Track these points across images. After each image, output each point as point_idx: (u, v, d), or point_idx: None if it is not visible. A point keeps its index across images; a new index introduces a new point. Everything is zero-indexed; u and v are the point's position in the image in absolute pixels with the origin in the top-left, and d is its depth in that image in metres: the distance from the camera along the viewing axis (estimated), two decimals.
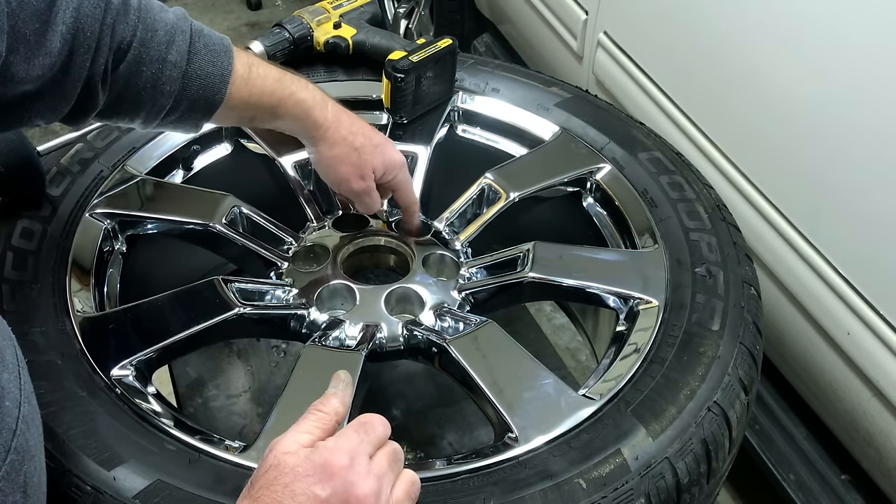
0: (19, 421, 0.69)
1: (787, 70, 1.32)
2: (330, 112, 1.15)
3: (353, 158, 1.17)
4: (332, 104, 1.16)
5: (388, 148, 1.21)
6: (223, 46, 1.05)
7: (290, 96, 1.11)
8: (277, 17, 1.52)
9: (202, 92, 1.03)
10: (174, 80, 1.01)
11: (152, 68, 0.99)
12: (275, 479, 0.73)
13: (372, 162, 1.18)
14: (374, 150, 1.18)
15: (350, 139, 1.16)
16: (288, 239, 1.26)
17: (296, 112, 1.12)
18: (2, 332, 0.73)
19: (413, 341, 1.14)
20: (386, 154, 1.19)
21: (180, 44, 1.00)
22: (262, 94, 1.08)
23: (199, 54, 1.02)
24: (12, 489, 0.67)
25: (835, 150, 1.25)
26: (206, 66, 1.03)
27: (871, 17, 1.17)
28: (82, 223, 1.20)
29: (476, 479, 0.94)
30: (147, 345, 1.06)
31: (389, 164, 1.19)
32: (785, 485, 1.42)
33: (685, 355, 1.07)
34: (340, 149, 1.16)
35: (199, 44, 1.02)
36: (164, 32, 1.00)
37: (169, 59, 1.00)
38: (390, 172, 1.20)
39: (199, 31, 1.04)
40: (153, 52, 0.99)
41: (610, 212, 1.33)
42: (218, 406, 1.47)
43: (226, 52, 1.05)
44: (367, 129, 1.19)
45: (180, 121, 1.07)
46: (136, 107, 1.02)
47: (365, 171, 1.18)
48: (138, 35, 0.97)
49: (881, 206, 1.20)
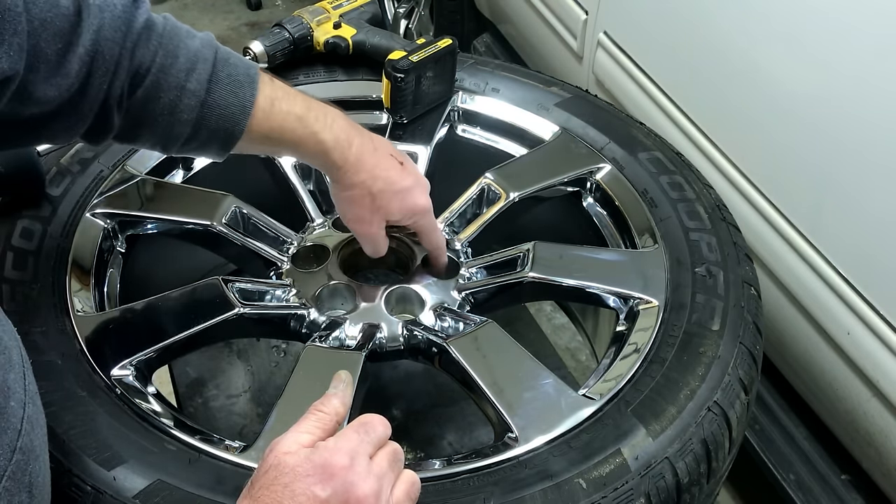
0: (24, 421, 0.70)
1: (787, 70, 1.32)
2: (353, 154, 1.09)
3: (365, 202, 1.12)
4: (357, 144, 1.09)
5: (413, 194, 1.14)
6: (248, 77, 1.01)
7: (311, 136, 1.06)
8: (277, 17, 1.52)
9: (221, 123, 1.00)
10: (192, 108, 0.97)
11: (170, 95, 0.96)
12: (275, 480, 0.73)
13: (387, 209, 1.13)
14: (393, 197, 1.12)
15: (368, 184, 1.10)
16: (288, 239, 1.27)
17: (315, 151, 1.08)
18: (8, 333, 0.74)
19: (413, 341, 1.14)
20: (406, 201, 1.13)
21: (201, 72, 0.97)
22: (283, 130, 1.04)
23: (219, 84, 0.98)
24: (18, 489, 0.67)
25: (835, 149, 1.26)
26: (226, 97, 0.99)
27: (872, 16, 1.17)
28: (82, 223, 1.20)
29: (476, 479, 0.94)
30: (147, 345, 1.06)
31: (409, 211, 1.14)
32: (785, 485, 1.42)
33: (685, 355, 1.07)
34: (356, 191, 1.11)
35: (221, 73, 0.99)
36: (186, 59, 0.96)
37: (188, 87, 0.96)
38: (410, 218, 1.15)
39: (225, 59, 1.00)
40: (172, 80, 0.96)
41: (610, 212, 1.33)
42: (218, 406, 1.47)
43: (250, 84, 1.01)
44: (392, 172, 1.12)
45: (201, 149, 1.04)
46: (153, 133, 0.99)
47: (375, 217, 1.13)
48: (158, 61, 0.95)
49: (881, 205, 1.20)
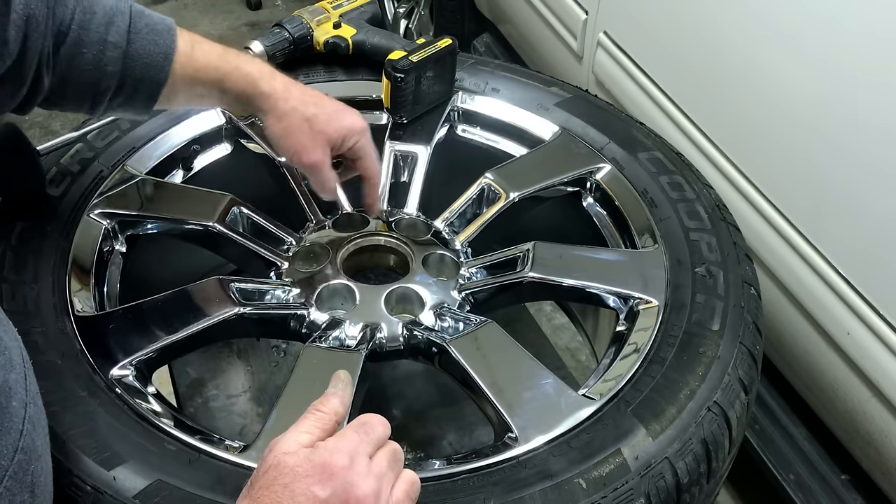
0: (25, 421, 0.70)
1: (787, 70, 1.32)
2: (279, 83, 1.12)
3: (303, 129, 1.12)
4: (281, 76, 1.13)
5: (346, 114, 1.15)
6: (165, 26, 1.05)
7: (235, 69, 1.09)
8: (277, 17, 1.52)
9: (146, 71, 1.03)
10: (116, 60, 1.01)
11: (93, 50, 0.99)
12: (274, 480, 0.73)
13: (325, 132, 1.13)
14: (328, 119, 1.13)
15: (301, 109, 1.12)
16: (288, 239, 1.26)
17: (242, 84, 1.10)
18: (9, 333, 0.74)
19: (413, 341, 1.14)
20: (343, 121, 1.14)
21: (119, 24, 1.01)
22: (207, 69, 1.07)
23: (139, 34, 1.02)
24: (20, 488, 0.67)
25: (834, 149, 1.25)
26: (147, 46, 1.03)
27: (871, 17, 1.17)
28: (82, 223, 1.20)
29: (476, 479, 0.94)
30: (147, 345, 1.06)
31: (347, 131, 1.14)
32: (785, 485, 1.42)
33: (685, 355, 1.07)
34: (290, 119, 1.12)
35: (139, 24, 1.03)
36: (103, 14, 1.00)
37: (109, 39, 1.00)
38: (349, 139, 1.15)
39: (140, 12, 1.04)
40: (93, 35, 0.99)
41: (610, 212, 1.33)
42: (218, 406, 1.47)
43: (168, 31, 1.05)
44: (320, 98, 1.15)
45: (128, 103, 1.06)
46: (80, 90, 1.02)
47: (316, 142, 1.13)
48: (76, 17, 0.98)
49: (881, 205, 1.20)
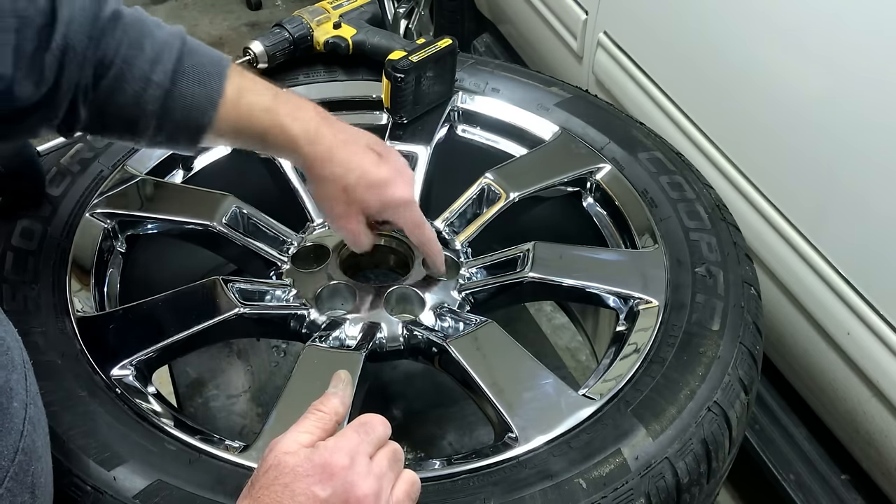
0: (26, 422, 0.70)
1: (787, 69, 1.32)
2: (323, 146, 1.05)
3: (340, 197, 1.07)
4: (329, 137, 1.05)
5: (390, 186, 1.08)
6: (216, 68, 0.99)
7: (279, 129, 1.03)
8: (277, 17, 1.52)
9: (187, 114, 0.98)
10: (156, 99, 0.96)
11: (135, 87, 0.95)
12: (275, 480, 0.73)
13: (363, 202, 1.07)
14: (367, 190, 1.06)
15: (341, 177, 1.05)
16: (288, 239, 1.26)
17: (282, 143, 1.05)
18: (10, 334, 0.74)
19: (413, 341, 1.14)
20: (384, 194, 1.07)
21: (166, 63, 0.95)
22: (251, 121, 1.01)
23: (185, 74, 0.97)
24: (21, 489, 0.67)
25: (834, 149, 1.25)
26: (192, 88, 0.97)
27: (873, 16, 1.17)
28: (82, 223, 1.20)
29: (476, 479, 0.94)
30: (147, 345, 1.06)
31: (387, 204, 1.08)
32: (785, 485, 1.42)
33: (685, 355, 1.07)
34: (327, 186, 1.07)
35: (187, 63, 0.97)
36: (151, 50, 0.95)
37: (153, 78, 0.95)
38: (388, 212, 1.10)
39: (192, 51, 0.98)
40: (136, 71, 0.95)
41: (610, 212, 1.33)
42: (218, 406, 1.47)
43: (217, 75, 0.99)
44: (366, 163, 1.06)
45: (171, 141, 1.02)
46: (120, 124, 0.98)
47: (351, 211, 1.08)
48: (122, 52, 0.94)
49: (881, 205, 1.20)
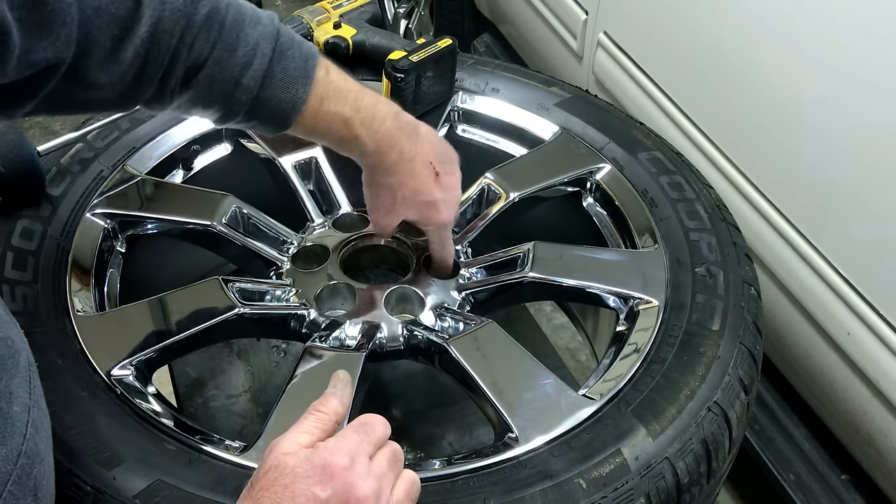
0: (29, 425, 0.69)
1: (788, 70, 1.32)
2: (390, 159, 1.07)
3: (387, 201, 1.12)
4: (398, 150, 1.07)
5: (435, 208, 1.12)
6: (303, 72, 0.99)
7: (353, 140, 1.05)
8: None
9: (270, 115, 1.00)
10: (243, 103, 0.98)
11: (224, 88, 0.96)
12: (275, 481, 0.73)
13: (406, 212, 1.13)
14: (414, 205, 1.11)
15: (394, 189, 1.10)
16: (288, 239, 1.26)
17: (356, 153, 1.08)
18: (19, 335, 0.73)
19: (413, 341, 1.14)
20: (427, 212, 1.12)
21: (257, 68, 0.96)
22: (328, 130, 1.04)
23: (273, 80, 0.97)
24: (23, 493, 0.67)
25: (835, 149, 1.25)
26: (278, 93, 0.98)
27: (872, 16, 1.17)
28: (82, 223, 1.20)
29: (476, 479, 0.94)
30: (147, 345, 1.06)
31: (426, 221, 1.14)
32: (785, 485, 1.42)
33: (685, 355, 1.07)
34: (380, 189, 1.11)
35: (277, 68, 0.97)
36: (244, 54, 0.95)
37: (242, 82, 0.96)
38: (424, 226, 1.16)
39: (283, 52, 0.98)
40: (227, 73, 0.95)
41: (610, 212, 1.33)
42: (218, 406, 1.47)
43: (304, 81, 0.99)
44: (423, 184, 1.10)
45: (254, 129, 1.07)
46: (205, 113, 1.00)
47: (392, 215, 1.14)
48: (215, 54, 0.94)
49: (881, 205, 1.20)
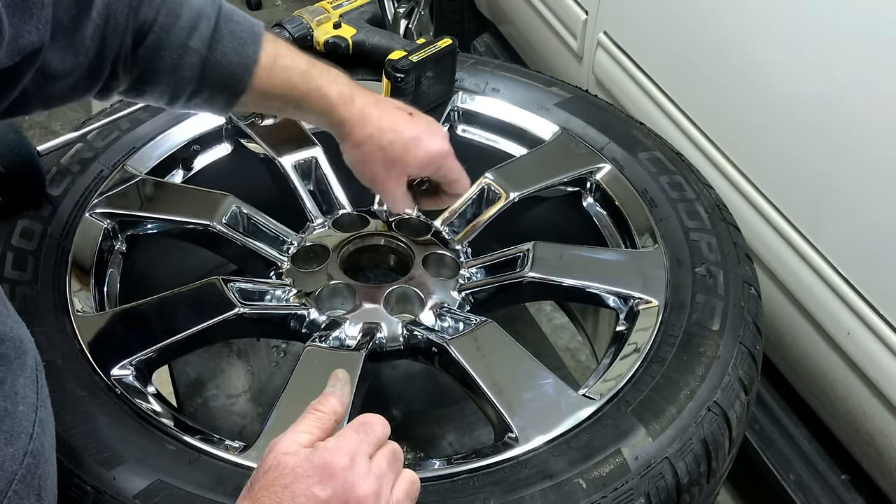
0: (36, 425, 0.69)
1: (788, 70, 1.32)
2: (356, 108, 1.07)
3: (378, 158, 1.09)
4: (361, 99, 1.08)
5: (426, 140, 1.10)
6: (251, 34, 1.01)
7: (314, 91, 1.06)
8: (277, 17, 1.52)
9: (223, 80, 1.00)
10: (194, 66, 0.98)
11: (173, 53, 0.97)
12: (275, 480, 0.73)
13: (402, 161, 1.09)
14: (405, 146, 1.08)
15: (377, 137, 1.08)
16: (288, 239, 1.26)
17: (318, 107, 1.07)
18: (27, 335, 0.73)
19: (413, 341, 1.14)
20: (420, 148, 1.09)
21: (203, 30, 0.97)
22: (286, 86, 1.04)
23: (222, 41, 0.99)
24: (28, 492, 0.67)
25: (835, 149, 1.25)
26: (228, 55, 0.99)
27: (872, 17, 1.17)
28: (82, 223, 1.20)
29: (476, 479, 0.94)
30: (147, 345, 1.06)
31: (426, 159, 1.10)
32: (785, 485, 1.42)
33: (685, 355, 1.07)
34: (365, 148, 1.09)
35: (224, 30, 0.99)
36: (188, 18, 0.97)
37: (190, 45, 0.97)
38: (428, 167, 1.11)
39: (228, 17, 1.00)
40: (174, 38, 0.96)
41: (610, 212, 1.33)
42: (218, 406, 1.47)
43: (252, 41, 1.01)
44: (399, 122, 1.09)
45: (206, 105, 1.05)
46: (157, 89, 1.00)
47: (392, 173, 1.10)
48: (160, 19, 0.95)
49: (881, 206, 1.20)
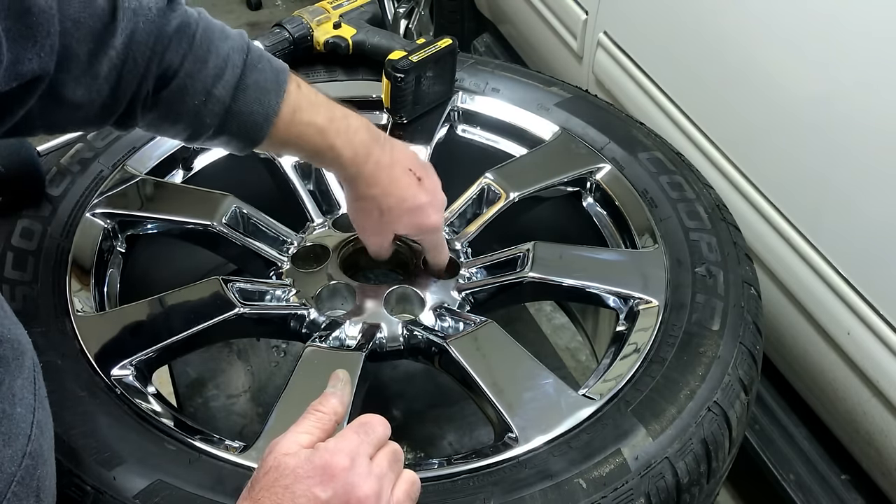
0: (34, 426, 0.69)
1: (788, 70, 1.32)
2: (368, 169, 1.07)
3: (374, 217, 1.12)
4: (375, 158, 1.08)
5: (423, 213, 1.12)
6: (275, 85, 1.00)
7: (329, 150, 1.05)
8: (277, 17, 1.52)
9: (242, 128, 1.00)
10: (216, 115, 0.98)
11: (195, 100, 0.96)
12: (275, 481, 0.73)
13: (395, 224, 1.12)
14: (402, 214, 1.11)
15: (379, 199, 1.09)
16: (288, 239, 1.26)
17: (331, 164, 1.08)
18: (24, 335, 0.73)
19: (413, 341, 1.14)
20: (416, 219, 1.12)
21: (228, 79, 0.96)
22: (302, 141, 1.04)
23: (246, 91, 0.98)
24: (27, 494, 0.67)
25: (835, 149, 1.25)
26: (251, 105, 0.98)
27: (872, 17, 1.17)
28: (82, 223, 1.20)
29: (476, 479, 0.94)
30: (147, 345, 1.06)
31: (417, 229, 1.14)
32: (785, 485, 1.42)
33: (685, 355, 1.07)
34: (365, 204, 1.11)
35: (249, 80, 0.98)
36: (214, 66, 0.96)
37: (214, 93, 0.96)
38: (418, 235, 1.17)
39: (254, 65, 0.99)
40: (198, 85, 0.95)
41: (610, 212, 1.33)
42: (218, 406, 1.47)
43: (276, 92, 1.00)
44: (406, 190, 1.10)
45: (223, 146, 1.05)
46: (176, 129, 1.00)
47: (383, 230, 1.14)
48: (186, 66, 0.94)
49: (881, 206, 1.20)
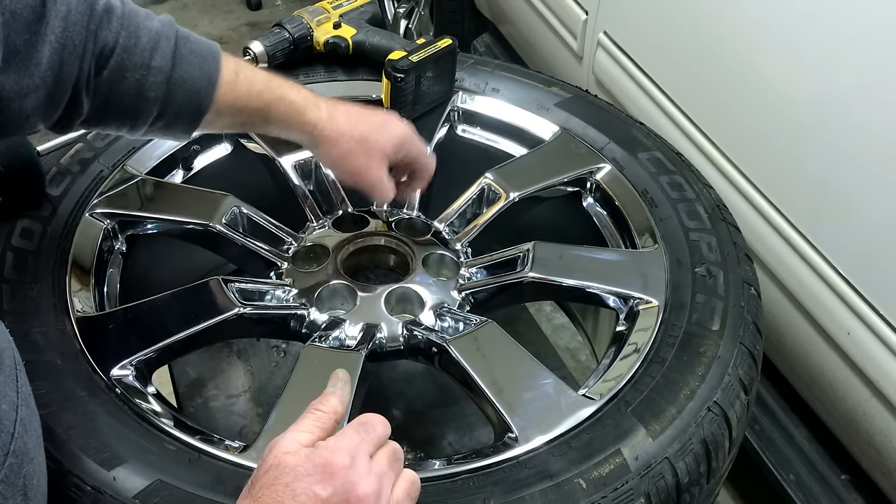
0: (17, 424, 0.69)
1: (787, 70, 1.32)
2: (324, 110, 1.12)
3: (357, 151, 1.13)
4: (324, 102, 1.13)
5: (392, 124, 1.17)
6: (210, 52, 1.03)
7: (280, 99, 1.09)
8: (277, 17, 1.52)
9: (188, 97, 1.01)
10: (159, 85, 0.99)
11: (136, 74, 0.98)
12: (275, 480, 0.73)
13: (380, 147, 1.14)
14: (378, 133, 1.14)
15: (351, 131, 1.13)
16: (288, 239, 1.27)
17: (288, 114, 1.10)
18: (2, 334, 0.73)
19: (413, 341, 1.14)
20: (389, 131, 1.16)
21: (164, 49, 0.99)
22: (250, 97, 1.06)
23: (184, 59, 1.00)
24: (12, 492, 0.67)
25: (835, 150, 1.25)
26: (191, 71, 1.01)
27: (872, 18, 1.17)
28: (82, 223, 1.20)
29: (476, 479, 0.94)
30: (147, 345, 1.06)
31: (399, 141, 1.16)
32: (785, 485, 1.42)
33: (685, 355, 1.07)
34: (342, 144, 1.13)
35: (184, 49, 1.00)
36: (148, 39, 0.98)
37: (153, 64, 0.98)
38: (401, 149, 1.17)
39: (185, 37, 1.02)
40: (136, 59, 0.97)
41: (610, 212, 1.33)
42: (218, 406, 1.47)
43: (213, 58, 1.03)
44: (364, 114, 1.16)
45: (168, 127, 1.05)
46: (121, 114, 1.01)
47: (373, 160, 1.15)
48: (121, 42, 0.96)
49: (881, 206, 1.20)
